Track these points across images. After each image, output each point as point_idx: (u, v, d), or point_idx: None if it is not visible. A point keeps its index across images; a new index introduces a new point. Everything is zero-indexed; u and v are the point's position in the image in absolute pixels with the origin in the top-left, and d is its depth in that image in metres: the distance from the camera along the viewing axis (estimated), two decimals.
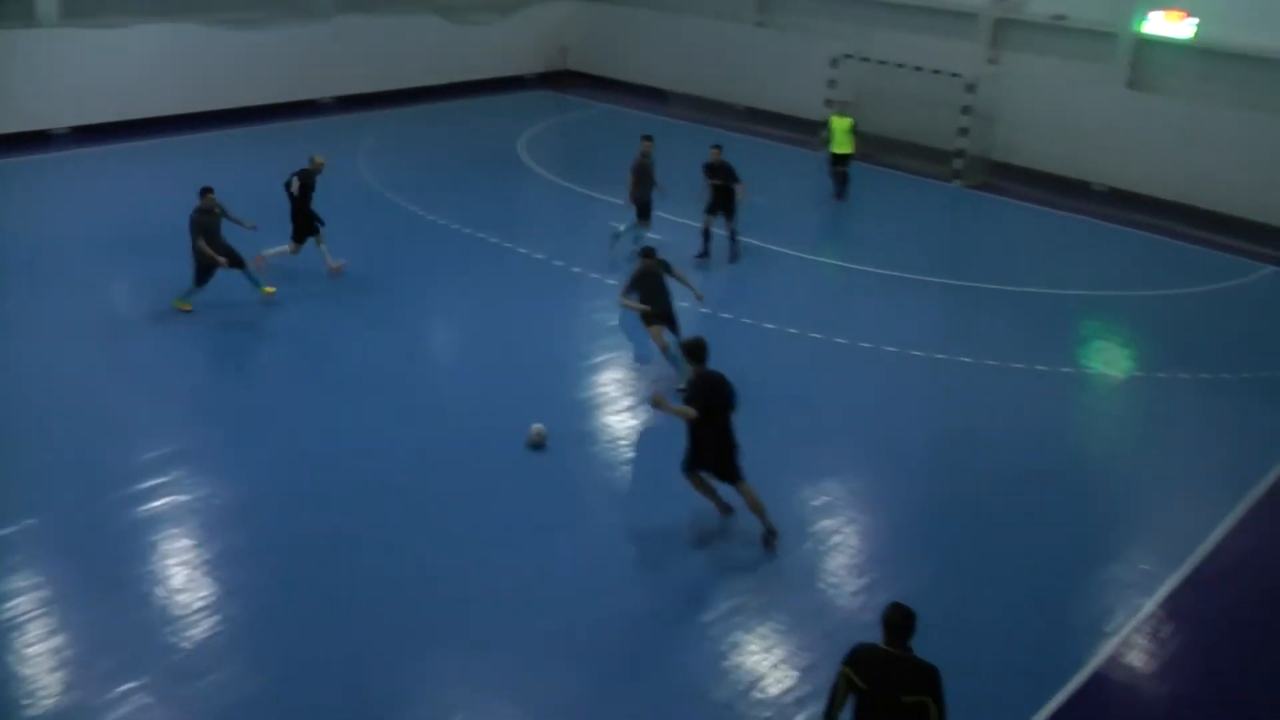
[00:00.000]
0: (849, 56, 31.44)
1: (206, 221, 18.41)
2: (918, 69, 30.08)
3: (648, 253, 17.27)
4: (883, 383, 18.06)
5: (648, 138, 22.72)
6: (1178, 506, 15.04)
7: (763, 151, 30.65)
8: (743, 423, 14.26)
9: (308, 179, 20.09)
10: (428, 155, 28.51)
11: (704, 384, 13.08)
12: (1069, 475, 15.55)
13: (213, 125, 30.28)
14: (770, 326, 19.55)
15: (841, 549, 13.48)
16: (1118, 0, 28.94)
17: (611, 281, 20.95)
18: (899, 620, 8.17)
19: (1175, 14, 28.23)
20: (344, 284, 20.41)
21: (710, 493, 13.68)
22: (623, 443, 15.55)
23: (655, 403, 13.31)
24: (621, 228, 22.72)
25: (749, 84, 35.39)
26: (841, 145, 27.04)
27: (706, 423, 12.94)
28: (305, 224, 20.21)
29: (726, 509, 13.79)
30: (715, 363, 13.36)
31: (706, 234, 22.60)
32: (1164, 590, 12.96)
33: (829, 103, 31.26)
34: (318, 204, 20.24)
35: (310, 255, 20.31)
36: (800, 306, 20.63)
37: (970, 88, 29.16)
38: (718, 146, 22.68)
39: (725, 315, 19.60)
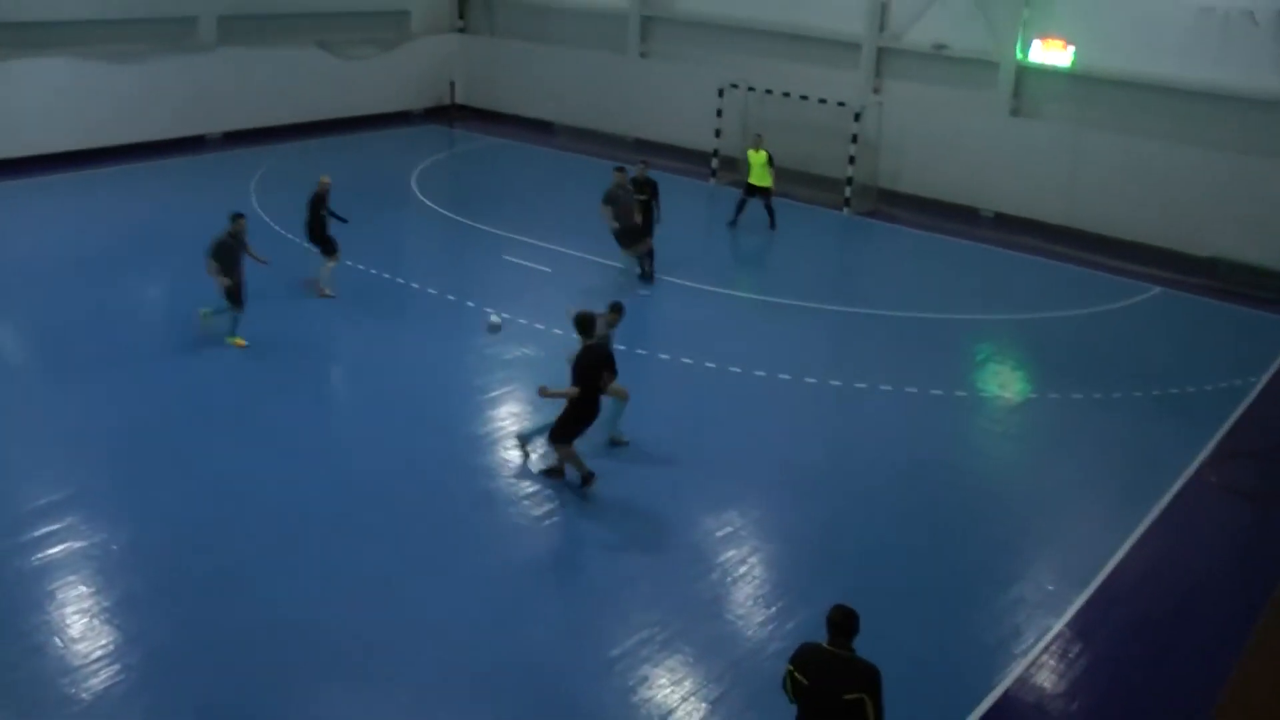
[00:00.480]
0: (735, 86, 31.59)
1: (232, 246, 18.66)
2: (804, 98, 30.29)
3: (616, 307, 16.24)
4: (778, 410, 17.98)
5: (620, 169, 22.87)
6: (1080, 525, 15.12)
7: None
8: (642, 455, 14.12)
9: (320, 200, 21.08)
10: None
11: (587, 358, 14.36)
12: (970, 498, 15.58)
13: (95, 163, 29.49)
14: (665, 357, 19.41)
15: (747, 579, 13.32)
16: (998, 29, 29.42)
17: (505, 315, 20.68)
18: (840, 620, 8.46)
19: (1055, 42, 28.76)
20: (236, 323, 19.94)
21: (576, 461, 14.82)
22: (522, 478, 15.27)
23: (541, 392, 14.48)
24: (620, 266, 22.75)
25: (636, 115, 35.40)
26: (759, 178, 27.19)
27: (586, 395, 14.38)
28: (324, 235, 21.20)
29: (588, 479, 14.85)
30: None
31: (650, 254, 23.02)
32: (1071, 610, 12.99)
33: (718, 133, 31.41)
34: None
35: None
36: (694, 336, 20.51)
37: (856, 116, 29.42)
38: (645, 161, 22.82)
39: (619, 346, 19.39)
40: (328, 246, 21.30)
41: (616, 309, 16.13)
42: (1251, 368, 20.78)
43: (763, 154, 27.08)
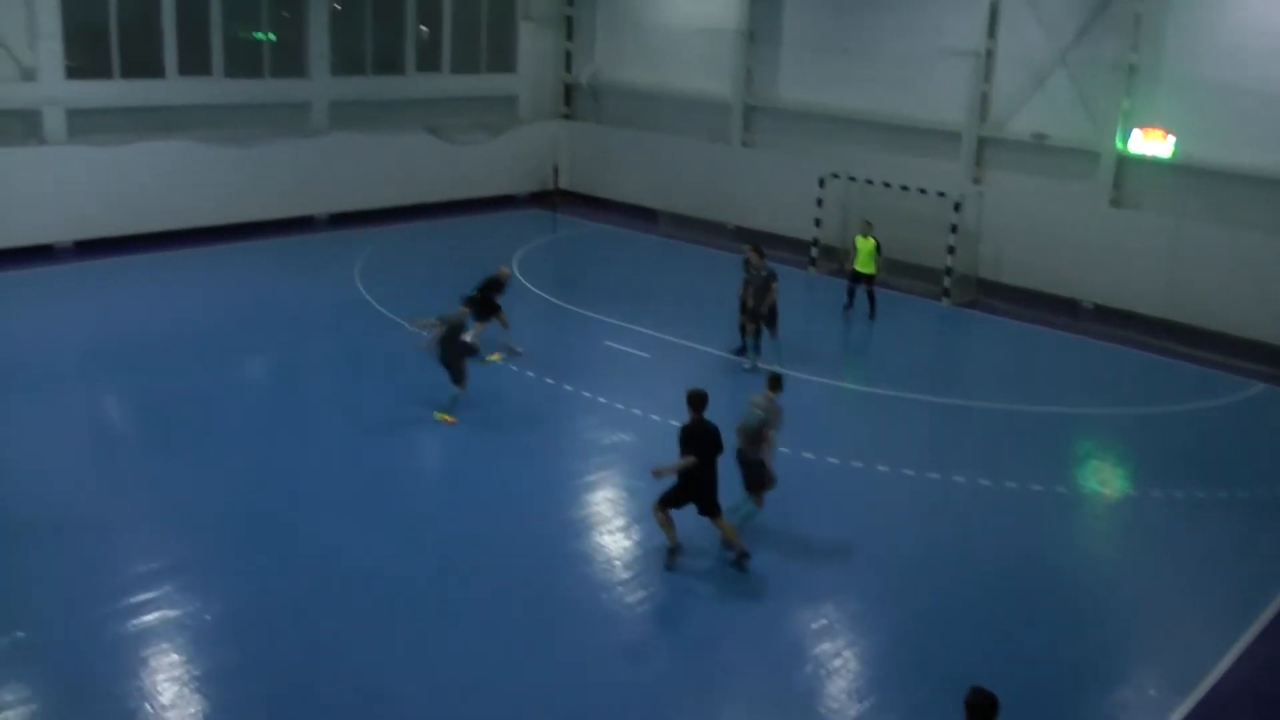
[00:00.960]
0: (836, 176, 31.81)
1: (459, 326, 19.68)
2: (904, 188, 30.44)
3: (776, 383, 16.66)
4: (876, 503, 17.96)
5: (757, 251, 23.41)
6: (1183, 630, 14.85)
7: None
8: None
9: (492, 284, 22.74)
10: (423, 272, 28.60)
11: (694, 432, 14.84)
12: (1070, 597, 15.36)
13: (211, 240, 30.58)
14: (784, 450, 19.40)
15: (841, 673, 13.29)
16: (1098, 119, 29.38)
17: (602, 400, 20.95)
18: (979, 702, 8.78)
19: (1155, 132, 28.60)
20: (338, 400, 20.43)
21: (669, 530, 15.26)
22: (617, 563, 15.40)
23: (656, 473, 14.98)
24: (746, 365, 23.12)
25: (738, 203, 35.70)
26: (865, 265, 27.47)
27: (695, 467, 14.81)
28: (489, 312, 22.70)
29: (675, 552, 15.28)
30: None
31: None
32: (1174, 717, 12.77)
33: (818, 222, 31.61)
34: None
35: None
36: (791, 426, 20.47)
37: (956, 206, 29.47)
38: (756, 246, 23.46)
39: None
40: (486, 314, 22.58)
41: (774, 384, 16.59)
42: None
43: (870, 241, 27.29)
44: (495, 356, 21.05)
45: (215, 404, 20.02)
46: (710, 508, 15.11)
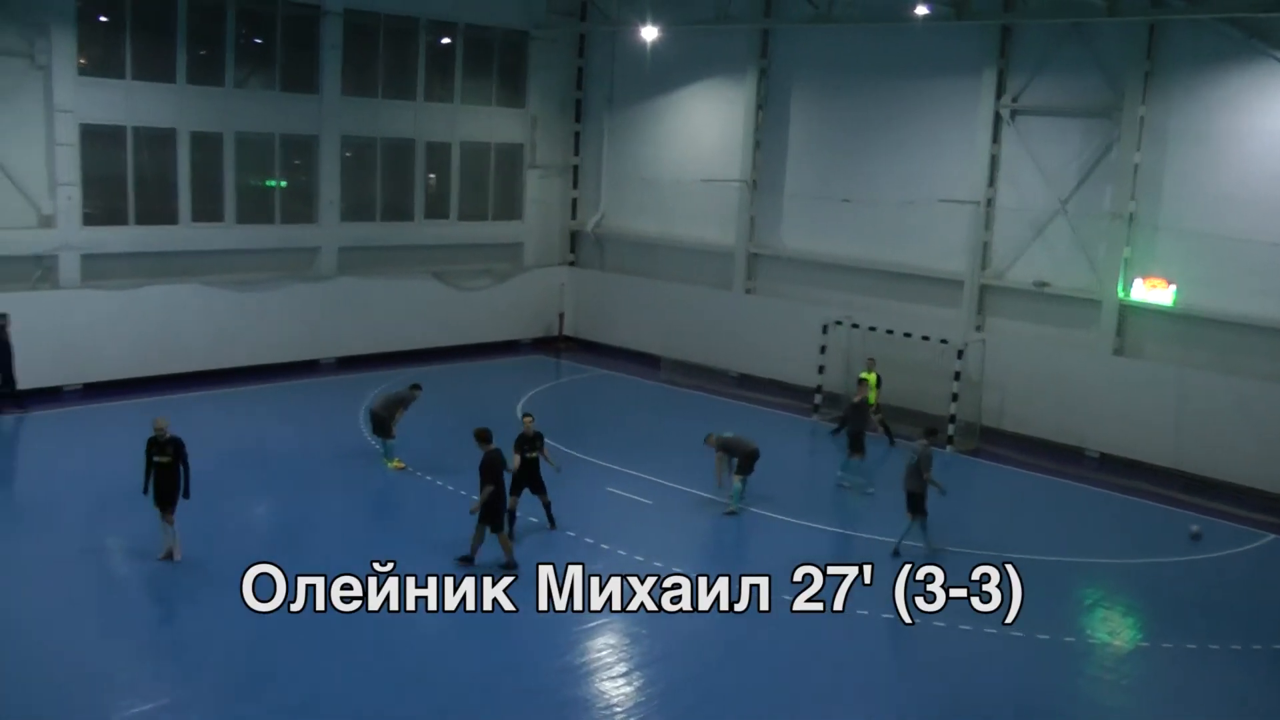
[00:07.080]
0: (839, 323, 31.96)
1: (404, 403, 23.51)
2: (906, 335, 30.57)
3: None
4: (885, 653, 17.77)
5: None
6: None
7: (756, 417, 30.70)
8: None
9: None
10: (427, 418, 28.40)
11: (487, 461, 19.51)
12: None
13: (218, 384, 30.68)
14: (785, 598, 19.18)
15: None
16: (1100, 268, 29.58)
17: (605, 546, 20.78)
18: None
19: (1156, 281, 28.74)
20: (343, 543, 20.29)
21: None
22: (618, 710, 15.09)
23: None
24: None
25: (741, 350, 35.81)
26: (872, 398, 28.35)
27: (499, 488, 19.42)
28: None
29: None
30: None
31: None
32: None
33: (821, 369, 31.69)
34: None
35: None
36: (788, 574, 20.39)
37: (959, 353, 29.53)
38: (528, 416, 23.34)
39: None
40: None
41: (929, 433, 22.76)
42: None
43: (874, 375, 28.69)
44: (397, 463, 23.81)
45: (217, 548, 19.79)
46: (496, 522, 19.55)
